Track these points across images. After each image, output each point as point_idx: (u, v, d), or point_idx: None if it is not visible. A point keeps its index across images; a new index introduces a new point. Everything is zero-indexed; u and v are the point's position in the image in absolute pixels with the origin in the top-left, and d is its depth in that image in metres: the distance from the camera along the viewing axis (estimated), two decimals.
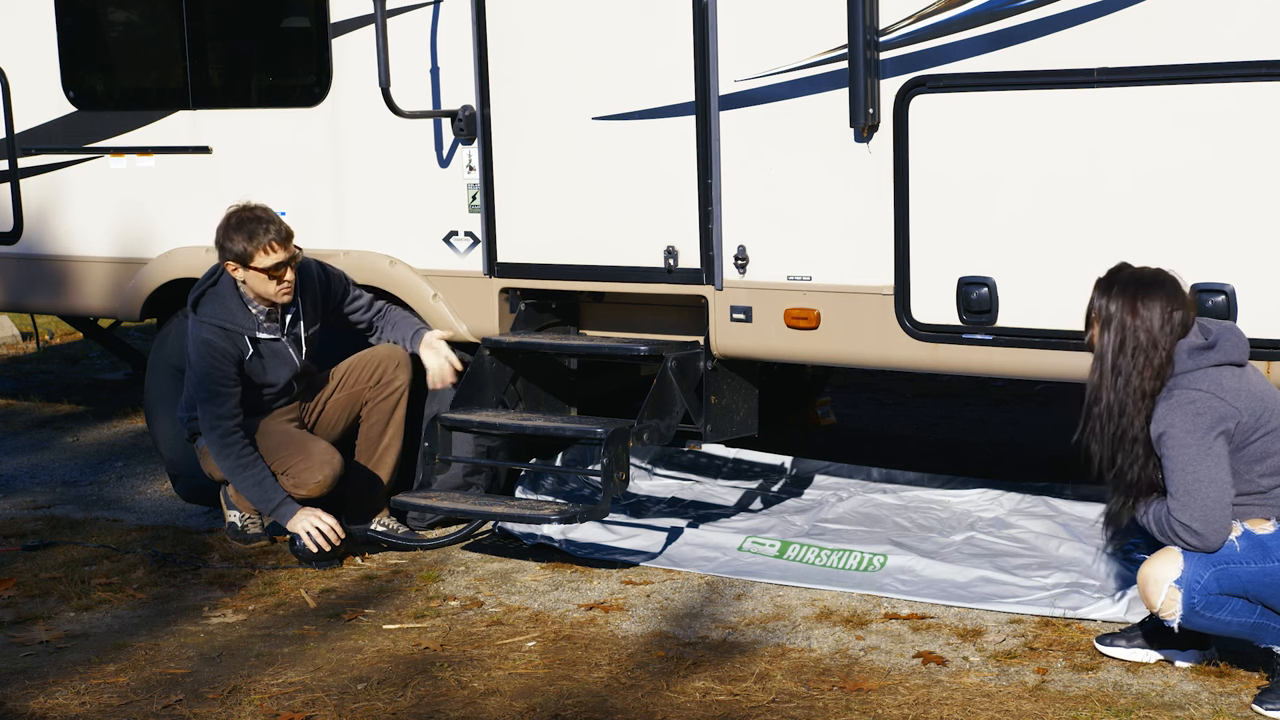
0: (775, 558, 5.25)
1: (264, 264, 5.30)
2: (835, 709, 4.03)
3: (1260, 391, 3.97)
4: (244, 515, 5.72)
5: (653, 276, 5.41)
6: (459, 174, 5.75)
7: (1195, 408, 3.90)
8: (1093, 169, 4.58)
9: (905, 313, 4.93)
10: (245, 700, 4.26)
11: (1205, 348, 3.96)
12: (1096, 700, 4.02)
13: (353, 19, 5.85)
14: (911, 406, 7.88)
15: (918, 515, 5.64)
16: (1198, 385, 3.92)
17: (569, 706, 4.12)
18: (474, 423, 5.47)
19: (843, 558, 5.17)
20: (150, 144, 6.44)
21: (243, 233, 5.28)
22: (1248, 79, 4.30)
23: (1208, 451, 3.88)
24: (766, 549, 5.31)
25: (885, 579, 5.00)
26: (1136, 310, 3.97)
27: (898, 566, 5.07)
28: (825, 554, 5.21)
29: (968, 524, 5.48)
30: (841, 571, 5.10)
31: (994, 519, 5.52)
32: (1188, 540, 3.91)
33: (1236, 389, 3.93)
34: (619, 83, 5.36)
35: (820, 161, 5.02)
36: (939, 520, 5.58)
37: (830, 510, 5.73)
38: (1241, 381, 3.96)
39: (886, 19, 4.82)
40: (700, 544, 5.41)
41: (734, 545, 5.36)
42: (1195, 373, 3.95)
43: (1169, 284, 4.03)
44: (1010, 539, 5.31)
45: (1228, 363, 3.96)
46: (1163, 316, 3.96)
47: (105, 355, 9.76)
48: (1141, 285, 4.02)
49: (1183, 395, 3.93)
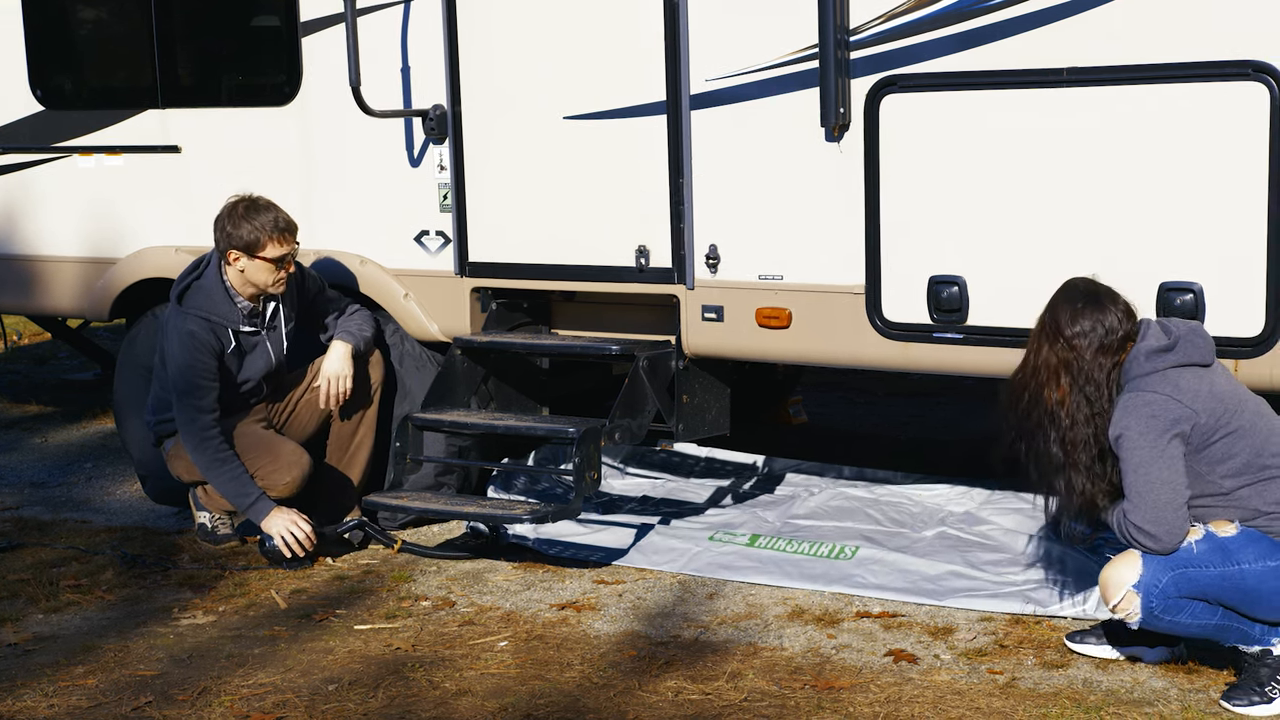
0: (746, 546, 5.29)
1: (273, 254, 5.32)
2: (807, 707, 4.04)
3: (1223, 392, 3.97)
4: (214, 516, 5.69)
5: (624, 276, 5.41)
6: (430, 173, 5.74)
7: (1150, 410, 3.91)
8: (1062, 168, 4.60)
9: (876, 312, 4.94)
10: (215, 702, 4.24)
11: (1164, 350, 3.97)
12: (1066, 697, 4.03)
13: (323, 18, 5.83)
14: (883, 405, 7.91)
15: (889, 509, 5.68)
16: (1154, 388, 3.93)
17: (541, 706, 4.11)
18: (445, 422, 5.46)
19: (814, 547, 5.25)
20: (119, 143, 6.41)
21: (253, 222, 5.30)
22: (1214, 79, 4.33)
23: (1160, 454, 3.89)
24: (738, 539, 5.37)
25: (856, 569, 5.03)
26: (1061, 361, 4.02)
27: (868, 557, 5.11)
28: (796, 544, 5.28)
29: (939, 519, 5.52)
30: (812, 559, 5.14)
31: (965, 513, 5.55)
32: (1143, 542, 3.93)
33: (1195, 390, 3.93)
34: (590, 82, 5.36)
35: (791, 161, 5.02)
36: (910, 515, 5.61)
37: (801, 505, 5.76)
38: (1202, 382, 3.96)
39: (857, 18, 4.83)
40: (672, 536, 5.44)
41: (705, 537, 5.40)
42: (1152, 375, 3.96)
43: (1095, 303, 4.04)
44: (981, 535, 5.33)
45: (1188, 364, 3.97)
46: (1091, 349, 3.99)
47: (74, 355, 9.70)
48: (1065, 315, 4.05)
49: (1138, 398, 3.94)
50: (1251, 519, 3.94)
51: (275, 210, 5.37)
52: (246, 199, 5.40)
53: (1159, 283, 4.47)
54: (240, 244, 5.31)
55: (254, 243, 5.30)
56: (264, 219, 5.32)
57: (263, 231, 5.30)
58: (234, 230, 5.32)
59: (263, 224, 5.31)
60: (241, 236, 5.30)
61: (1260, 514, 3.93)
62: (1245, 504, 3.94)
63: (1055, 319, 4.06)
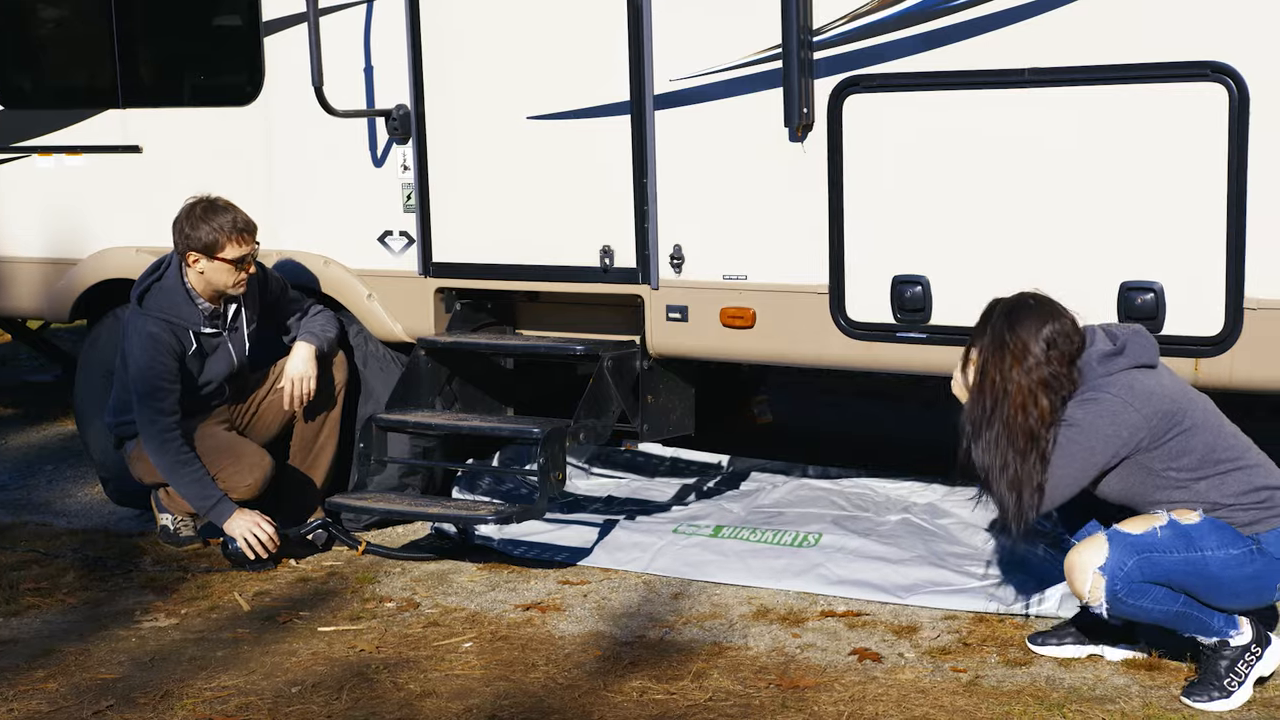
0: (710, 536, 5.31)
1: (232, 255, 5.28)
2: (772, 707, 4.04)
3: (1172, 391, 4.03)
4: (176, 518, 5.66)
5: (589, 276, 5.40)
6: (394, 173, 5.72)
7: (1099, 408, 3.97)
8: (1024, 167, 4.62)
9: (840, 311, 4.95)
10: (178, 705, 4.21)
11: (1114, 354, 4.02)
12: (1029, 695, 4.05)
13: (285, 17, 5.80)
14: (848, 405, 7.93)
15: (854, 498, 5.73)
16: (1108, 390, 3.99)
17: (506, 707, 4.11)
18: (410, 423, 5.44)
19: (777, 535, 5.26)
20: (79, 143, 6.36)
21: (211, 223, 5.26)
22: (1174, 79, 4.36)
23: (1089, 447, 3.94)
24: (702, 530, 5.40)
25: (820, 557, 5.04)
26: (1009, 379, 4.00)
27: (832, 544, 5.13)
28: (760, 532, 5.31)
29: (902, 507, 5.57)
30: (776, 547, 5.15)
31: (928, 504, 5.60)
32: (1027, 498, 3.93)
33: (1148, 391, 3.98)
34: (554, 82, 5.35)
35: (755, 161, 5.03)
36: (874, 503, 5.66)
37: (766, 496, 5.80)
38: (1153, 382, 4.02)
39: (820, 19, 4.84)
40: (637, 531, 5.45)
41: (668, 529, 5.42)
42: (1106, 378, 4.00)
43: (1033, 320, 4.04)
44: (942, 530, 5.35)
45: (1138, 365, 4.02)
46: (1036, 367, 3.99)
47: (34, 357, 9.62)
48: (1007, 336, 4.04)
49: (1091, 395, 3.99)
50: (1212, 510, 3.98)
51: (234, 211, 5.33)
52: (204, 200, 5.36)
53: (1120, 282, 4.50)
54: (199, 245, 5.28)
55: (212, 244, 5.27)
56: (222, 220, 5.28)
57: (221, 232, 5.27)
58: (192, 231, 5.28)
59: (221, 225, 5.27)
60: (200, 238, 5.27)
61: (1220, 506, 3.97)
62: (1205, 497, 3.98)
63: (1021, 338, 4.01)
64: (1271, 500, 3.97)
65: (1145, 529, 3.97)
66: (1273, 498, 3.97)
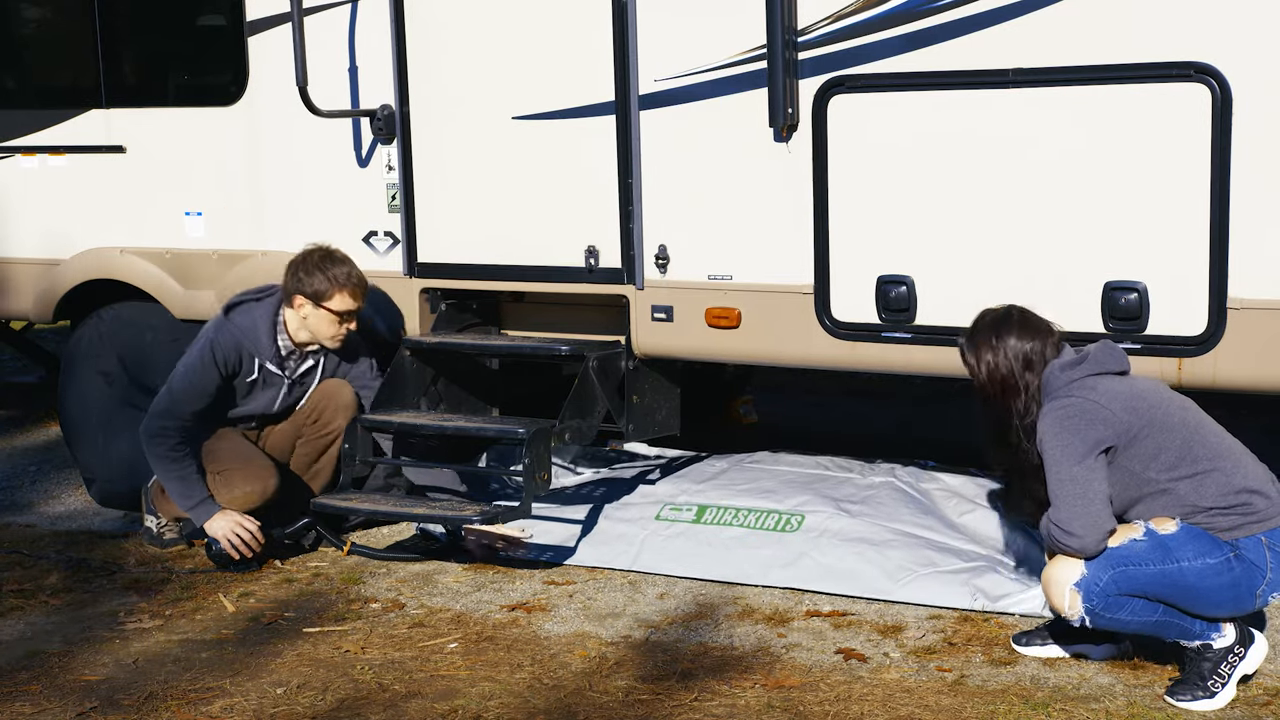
0: (693, 523, 5.28)
1: (339, 307, 5.32)
2: (757, 707, 4.04)
3: (1144, 390, 4.07)
4: (161, 521, 5.65)
5: (574, 276, 5.40)
6: (378, 174, 5.71)
7: (1065, 412, 4.01)
8: (1008, 168, 4.63)
9: (825, 311, 4.96)
10: (162, 707, 4.20)
11: (1076, 363, 4.09)
12: (1014, 694, 4.06)
13: (269, 17, 5.80)
14: (834, 405, 7.93)
15: (840, 461, 5.69)
16: (1071, 393, 4.03)
17: (491, 708, 4.10)
18: (395, 424, 5.43)
19: (761, 518, 5.22)
20: (62, 143, 6.34)
21: (327, 272, 5.30)
22: (1158, 80, 4.37)
23: (1072, 453, 3.96)
24: (684, 515, 5.35)
25: (804, 544, 5.01)
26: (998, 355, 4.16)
27: (815, 526, 5.10)
28: (743, 515, 5.26)
29: (887, 469, 5.53)
30: (760, 533, 5.12)
31: (911, 470, 5.55)
32: (1065, 542, 3.98)
33: (1113, 391, 4.02)
34: (539, 82, 5.35)
35: (740, 161, 5.03)
36: (857, 465, 5.60)
37: (746, 470, 5.73)
38: (1120, 384, 4.06)
39: (805, 19, 4.84)
40: (621, 521, 5.41)
41: (651, 515, 5.37)
42: (1070, 385, 4.06)
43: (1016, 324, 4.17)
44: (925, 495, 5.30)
45: (1104, 372, 4.07)
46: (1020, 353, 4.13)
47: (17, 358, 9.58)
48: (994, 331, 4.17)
49: (1055, 403, 4.04)
50: (1191, 515, 3.99)
51: (350, 265, 5.36)
52: (322, 249, 5.38)
53: (1104, 281, 4.51)
54: (309, 290, 5.30)
55: (323, 291, 5.29)
56: (338, 270, 5.31)
57: (334, 283, 5.29)
58: (306, 276, 5.31)
59: (335, 275, 5.30)
60: (312, 284, 5.30)
61: (1199, 510, 3.98)
62: (1184, 499, 3.99)
63: (1015, 348, 4.15)
64: (1251, 505, 3.97)
65: (1121, 541, 3.98)
66: (1252, 502, 3.98)
